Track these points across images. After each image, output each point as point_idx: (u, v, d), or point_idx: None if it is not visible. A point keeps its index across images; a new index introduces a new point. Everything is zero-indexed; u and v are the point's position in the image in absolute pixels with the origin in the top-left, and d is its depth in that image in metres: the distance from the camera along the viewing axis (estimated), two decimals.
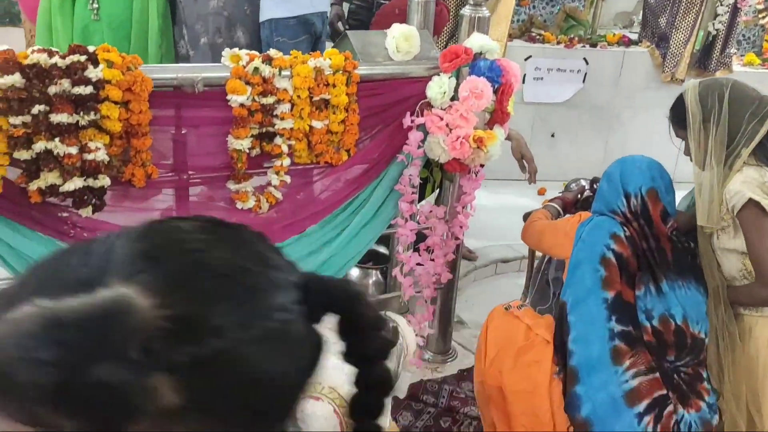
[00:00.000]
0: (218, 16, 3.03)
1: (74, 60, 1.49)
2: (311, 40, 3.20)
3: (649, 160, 1.85)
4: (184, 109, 1.68)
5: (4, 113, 1.44)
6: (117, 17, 2.64)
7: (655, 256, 1.76)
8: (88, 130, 1.51)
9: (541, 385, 1.76)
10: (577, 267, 1.78)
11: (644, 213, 1.77)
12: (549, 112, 3.88)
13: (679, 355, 1.73)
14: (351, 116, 1.80)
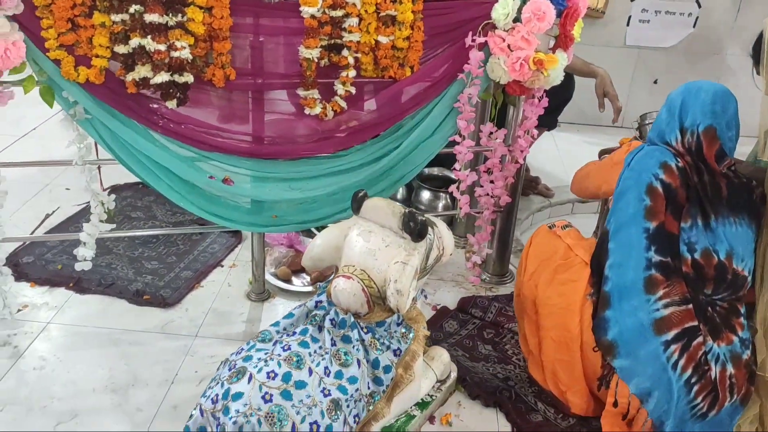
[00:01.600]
0: None
1: None
2: None
3: (716, 88, 1.76)
4: (261, 17, 1.85)
5: (107, 11, 1.67)
6: None
7: (707, 191, 1.73)
8: (176, 30, 1.72)
9: (574, 303, 1.82)
10: (622, 194, 1.79)
11: (698, 151, 1.74)
12: (653, 56, 3.74)
13: (717, 289, 1.73)
14: (416, 33, 1.90)
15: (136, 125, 1.86)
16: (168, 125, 1.87)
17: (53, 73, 1.70)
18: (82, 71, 1.70)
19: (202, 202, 2.01)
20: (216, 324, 2.19)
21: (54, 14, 1.65)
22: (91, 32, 1.69)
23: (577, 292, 1.83)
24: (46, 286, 2.29)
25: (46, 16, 1.65)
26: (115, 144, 1.86)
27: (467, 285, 2.46)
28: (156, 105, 1.85)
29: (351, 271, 1.61)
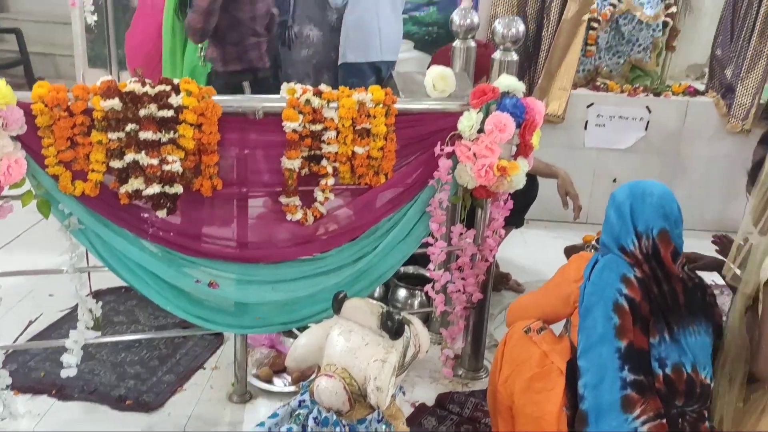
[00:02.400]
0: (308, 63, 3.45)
1: (161, 89, 1.86)
2: (377, 82, 3.57)
3: (660, 190, 1.86)
4: (246, 132, 2.01)
5: (104, 129, 1.81)
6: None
7: (667, 301, 1.79)
8: (168, 145, 1.86)
9: (550, 413, 1.83)
10: (588, 311, 1.81)
11: (655, 255, 1.80)
12: (611, 157, 3.99)
13: (688, 401, 1.77)
14: (389, 144, 2.07)
15: (127, 234, 1.96)
16: (157, 233, 1.98)
17: (51, 188, 1.82)
18: (78, 185, 1.82)
19: (188, 306, 2.09)
20: (199, 428, 2.20)
21: (55, 134, 1.78)
22: (89, 149, 1.82)
23: (553, 402, 1.84)
24: (29, 393, 2.30)
25: (47, 136, 1.78)
26: (106, 252, 1.96)
27: (444, 381, 2.52)
28: (146, 214, 1.96)
29: (333, 370, 1.68)
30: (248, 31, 3.03)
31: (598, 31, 3.97)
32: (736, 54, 3.85)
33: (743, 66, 3.79)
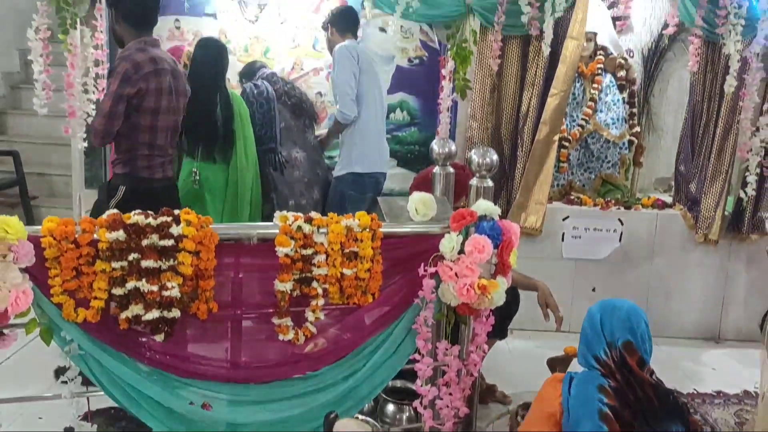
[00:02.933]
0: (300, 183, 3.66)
1: (163, 220, 2.00)
2: (373, 196, 3.78)
3: (629, 306, 2.04)
4: (241, 257, 2.14)
5: (108, 259, 1.93)
6: (215, 186, 3.28)
7: (644, 405, 1.91)
8: (167, 272, 1.98)
9: None
10: (578, 423, 1.91)
11: (623, 362, 1.95)
12: (589, 267, 4.15)
13: None
14: (376, 266, 2.20)
15: (125, 357, 2.03)
16: (154, 356, 2.05)
17: (54, 316, 1.91)
18: (81, 312, 1.92)
19: (180, 428, 2.12)
20: None
21: (61, 264, 1.89)
22: (93, 278, 1.93)
23: None
24: None
25: (54, 267, 1.89)
26: (103, 375, 2.02)
27: None
28: (144, 338, 2.04)
29: None
30: (143, 140, 3.03)
31: (569, 149, 4.25)
32: (698, 170, 4.12)
33: (705, 181, 4.04)
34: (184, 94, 3.20)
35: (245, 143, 3.35)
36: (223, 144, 3.29)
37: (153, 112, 3.02)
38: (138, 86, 2.94)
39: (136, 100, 2.96)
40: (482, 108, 4.02)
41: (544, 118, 3.93)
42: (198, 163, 3.27)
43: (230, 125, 3.28)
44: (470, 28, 3.92)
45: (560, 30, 3.88)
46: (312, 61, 4.67)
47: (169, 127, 3.13)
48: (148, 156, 3.07)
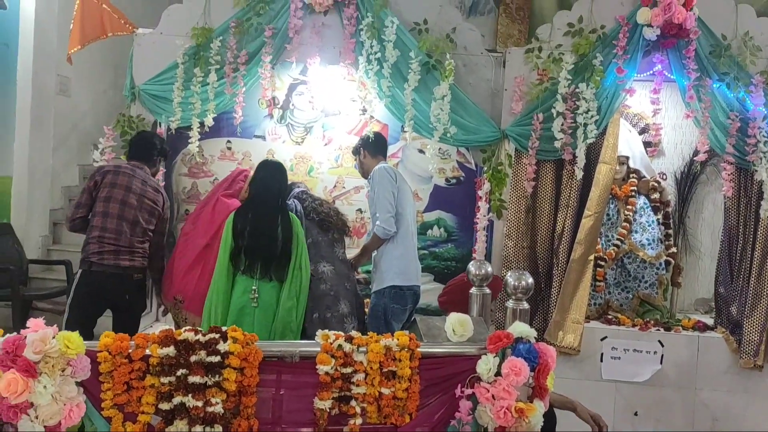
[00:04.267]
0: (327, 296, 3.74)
1: (211, 337, 2.09)
2: (413, 309, 3.87)
3: None
4: (283, 374, 2.20)
5: (158, 374, 2.02)
6: (268, 303, 3.38)
7: None
8: (213, 388, 2.05)
9: None
10: None
11: None
12: (631, 390, 4.06)
13: None
14: (413, 385, 2.24)
15: None
16: None
17: (104, 429, 1.98)
18: (128, 426, 1.98)
19: None
20: None
21: (114, 379, 1.99)
22: (142, 392, 2.01)
23: None
24: None
25: (107, 381, 1.99)
26: None
27: None
28: None
29: None
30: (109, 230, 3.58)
31: (605, 268, 4.29)
32: (738, 292, 4.09)
33: (747, 304, 4.00)
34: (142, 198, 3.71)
35: (302, 263, 3.48)
36: (279, 263, 3.40)
37: (105, 200, 3.61)
38: (95, 179, 3.67)
39: (95, 191, 3.65)
40: (518, 228, 4.12)
41: (579, 238, 4.01)
42: (256, 281, 3.38)
43: (289, 246, 3.41)
44: (505, 152, 4.11)
45: (593, 154, 4.04)
46: (353, 180, 4.90)
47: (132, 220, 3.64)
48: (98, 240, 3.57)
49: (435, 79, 4.13)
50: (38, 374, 1.85)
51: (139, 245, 3.68)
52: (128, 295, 3.66)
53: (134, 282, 3.69)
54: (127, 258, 3.62)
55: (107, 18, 4.34)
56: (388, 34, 4.13)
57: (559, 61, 4.01)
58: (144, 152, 3.89)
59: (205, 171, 4.91)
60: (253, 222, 3.42)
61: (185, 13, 4.43)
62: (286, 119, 4.91)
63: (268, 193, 3.52)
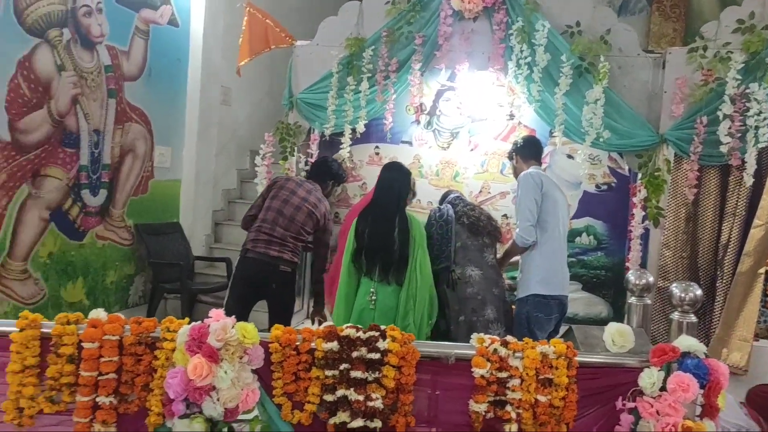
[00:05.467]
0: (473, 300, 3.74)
1: (371, 335, 2.18)
2: (560, 318, 3.75)
3: None
4: (439, 375, 2.24)
5: (323, 367, 2.13)
6: (387, 307, 3.45)
7: None
8: (373, 384, 2.13)
9: None
10: None
11: None
12: None
13: None
14: (570, 394, 2.19)
15: None
16: None
17: (274, 415, 2.12)
18: (296, 414, 2.11)
19: None
20: None
21: (284, 368, 2.12)
22: (308, 383, 2.13)
23: None
24: None
25: (278, 370, 2.13)
26: None
27: None
28: None
29: None
30: (267, 221, 3.83)
31: None
32: None
33: None
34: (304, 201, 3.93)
35: (420, 267, 3.47)
36: (398, 267, 3.44)
37: (270, 199, 3.93)
38: (269, 185, 4.05)
39: (267, 194, 4.01)
40: (676, 237, 3.90)
41: (747, 249, 3.72)
42: (375, 283, 3.45)
43: (405, 249, 3.44)
44: (664, 157, 3.91)
45: (764, 159, 3.74)
46: (499, 185, 4.87)
47: (290, 218, 3.87)
48: (267, 240, 3.83)
49: (587, 83, 4.02)
50: (219, 360, 2.02)
51: (291, 240, 3.88)
52: (275, 285, 3.86)
53: (281, 273, 3.88)
54: (276, 249, 3.84)
55: (270, 32, 4.64)
56: (539, 37, 4.08)
57: (727, 60, 3.76)
58: (319, 174, 4.13)
59: (354, 175, 5.08)
60: (372, 224, 3.49)
61: (340, 24, 4.63)
62: (433, 125, 4.97)
63: (387, 196, 3.57)
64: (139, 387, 2.10)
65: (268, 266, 3.84)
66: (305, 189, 3.97)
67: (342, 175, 4.25)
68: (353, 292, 3.50)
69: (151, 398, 2.07)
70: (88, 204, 5.19)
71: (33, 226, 4.66)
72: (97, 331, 2.08)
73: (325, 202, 4.06)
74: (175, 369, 2.02)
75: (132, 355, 2.09)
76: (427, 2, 4.41)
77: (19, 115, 4.47)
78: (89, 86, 5.06)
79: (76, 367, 2.07)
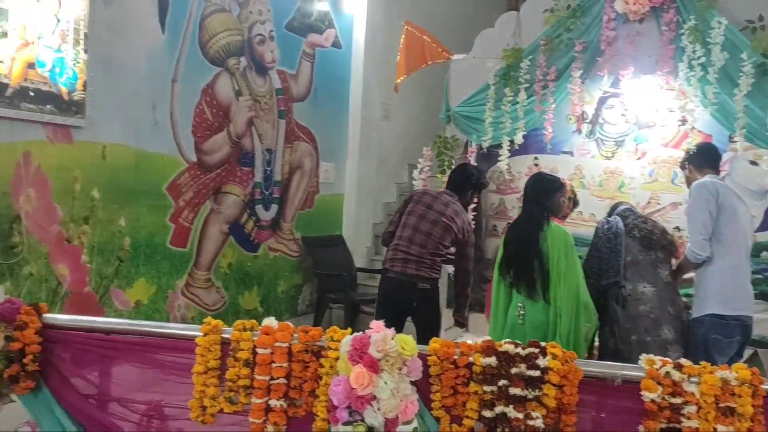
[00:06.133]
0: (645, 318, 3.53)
1: (531, 351, 2.13)
2: (743, 342, 3.43)
3: None
4: (604, 396, 2.13)
5: (481, 382, 2.12)
6: (534, 322, 3.35)
7: None
8: (532, 402, 2.08)
9: None
10: None
11: None
12: None
13: None
14: (757, 425, 1.99)
15: None
16: None
17: (433, 427, 2.13)
18: (454, 428, 2.11)
19: None
20: None
21: (442, 382, 2.14)
22: (466, 398, 2.12)
23: None
24: None
25: (436, 383, 2.14)
26: None
27: None
28: None
29: None
30: (403, 239, 3.85)
31: None
32: None
33: None
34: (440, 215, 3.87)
35: (563, 280, 3.31)
36: (543, 282, 3.32)
37: (420, 216, 3.89)
38: (406, 200, 4.08)
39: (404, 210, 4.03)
40: None
41: None
42: (523, 298, 3.36)
43: (546, 262, 3.31)
44: None
45: None
46: (670, 196, 4.56)
47: (426, 233, 3.84)
48: (404, 258, 3.86)
49: None
50: (380, 371, 2.08)
51: (428, 257, 3.85)
52: (415, 303, 3.86)
53: (420, 291, 3.86)
54: (413, 267, 3.83)
55: (427, 48, 4.74)
56: (715, 35, 3.78)
57: None
58: (458, 183, 4.06)
59: (512, 187, 5.02)
60: (517, 235, 3.39)
61: (496, 36, 4.62)
62: (595, 134, 4.78)
63: (530, 206, 3.45)
64: (307, 392, 2.21)
65: (406, 285, 3.86)
66: (442, 202, 3.92)
67: (483, 181, 4.13)
68: (503, 306, 3.47)
69: (317, 404, 2.18)
70: (262, 218, 5.59)
71: (215, 239, 5.10)
72: (269, 338, 2.23)
73: (463, 214, 3.99)
74: (338, 377, 2.11)
75: (300, 362, 2.21)
76: (587, 7, 4.27)
77: (203, 138, 4.93)
78: (263, 109, 5.46)
79: (251, 371, 2.24)
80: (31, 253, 3.87)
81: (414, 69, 4.83)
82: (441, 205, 3.91)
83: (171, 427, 2.30)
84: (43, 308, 2.27)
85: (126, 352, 2.30)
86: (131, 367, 2.30)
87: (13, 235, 3.76)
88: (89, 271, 4.20)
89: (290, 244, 5.92)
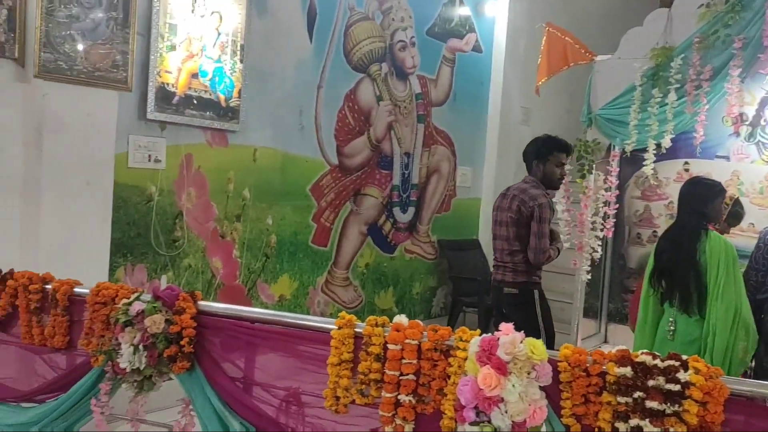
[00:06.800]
0: None
1: (670, 364, 2.02)
2: None
3: None
4: (753, 417, 1.98)
5: (614, 393, 2.04)
6: (686, 338, 3.13)
7: None
8: (672, 417, 1.97)
9: None
10: None
11: None
12: None
13: None
14: None
15: None
16: None
17: None
18: None
19: None
20: None
21: (573, 389, 2.09)
22: (598, 407, 2.06)
23: None
24: None
25: (566, 390, 2.10)
26: None
27: None
28: None
29: None
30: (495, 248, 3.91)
31: None
32: None
33: None
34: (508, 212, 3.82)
35: (721, 295, 3.04)
36: (699, 295, 3.07)
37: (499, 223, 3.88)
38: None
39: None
40: None
41: None
42: (675, 312, 3.14)
43: (703, 275, 3.05)
44: None
45: None
46: None
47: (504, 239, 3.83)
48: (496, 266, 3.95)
49: None
50: (508, 373, 2.07)
51: (508, 260, 3.83)
52: (504, 309, 3.88)
53: (506, 296, 3.85)
54: (500, 272, 3.88)
55: (570, 49, 4.62)
56: None
57: None
58: (524, 159, 4.07)
59: (659, 194, 4.77)
60: (671, 244, 3.17)
61: (644, 35, 4.41)
62: (756, 137, 4.42)
63: (688, 215, 3.20)
64: (435, 390, 2.25)
65: (495, 291, 3.93)
66: (509, 197, 3.85)
67: (546, 148, 3.90)
68: (651, 319, 3.30)
69: (445, 402, 2.21)
70: (399, 220, 5.71)
71: (353, 239, 5.30)
72: (400, 334, 2.29)
73: (531, 190, 3.77)
74: (466, 377, 2.13)
75: (429, 360, 2.26)
76: (748, 2, 3.95)
77: (345, 142, 5.14)
78: (402, 113, 5.59)
79: (382, 366, 2.31)
80: (191, 246, 4.24)
81: (555, 71, 4.72)
82: (507, 201, 3.87)
83: (307, 414, 2.43)
84: (198, 296, 2.49)
85: (269, 340, 2.47)
86: (273, 355, 2.47)
87: (175, 230, 4.14)
88: (239, 265, 4.53)
89: (426, 247, 5.99)
